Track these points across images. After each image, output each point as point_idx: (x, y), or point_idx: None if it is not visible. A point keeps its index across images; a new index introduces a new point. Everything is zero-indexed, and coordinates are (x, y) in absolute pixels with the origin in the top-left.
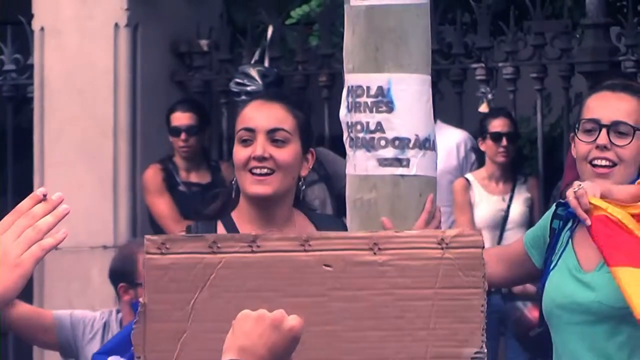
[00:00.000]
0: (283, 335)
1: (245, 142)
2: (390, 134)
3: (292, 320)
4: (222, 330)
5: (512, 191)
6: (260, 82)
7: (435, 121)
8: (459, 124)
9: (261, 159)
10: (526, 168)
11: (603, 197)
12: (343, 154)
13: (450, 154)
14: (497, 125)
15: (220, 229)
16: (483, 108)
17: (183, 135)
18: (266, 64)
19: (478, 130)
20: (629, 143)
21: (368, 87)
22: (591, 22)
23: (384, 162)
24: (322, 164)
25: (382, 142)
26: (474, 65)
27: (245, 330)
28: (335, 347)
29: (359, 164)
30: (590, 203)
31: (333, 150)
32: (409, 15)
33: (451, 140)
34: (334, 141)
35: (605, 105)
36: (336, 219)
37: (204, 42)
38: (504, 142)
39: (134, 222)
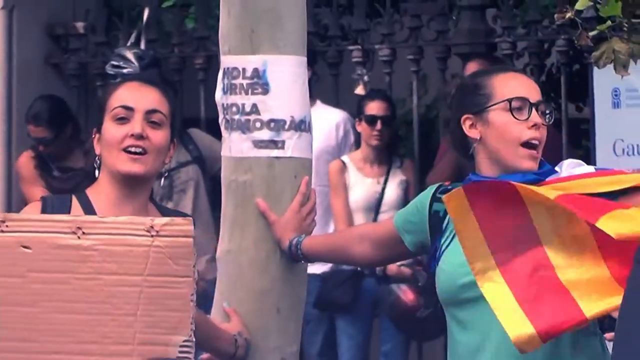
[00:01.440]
0: None
1: (122, 120)
2: (265, 116)
3: None
4: None
5: (387, 174)
6: (136, 64)
7: (315, 101)
8: (335, 106)
9: (139, 137)
10: (402, 150)
11: None
12: (219, 137)
13: (329, 134)
14: (373, 107)
15: (75, 204)
16: (359, 90)
17: (41, 147)
18: (142, 46)
19: (356, 112)
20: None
21: (244, 69)
22: (467, 4)
23: (259, 144)
24: (197, 145)
25: (258, 124)
26: (351, 47)
27: None
28: (34, 329)
29: (235, 145)
30: None
31: (209, 133)
32: None
33: (331, 120)
34: (209, 124)
35: (527, 84)
36: (185, 214)
37: (80, 25)
38: (379, 125)
39: (10, 209)
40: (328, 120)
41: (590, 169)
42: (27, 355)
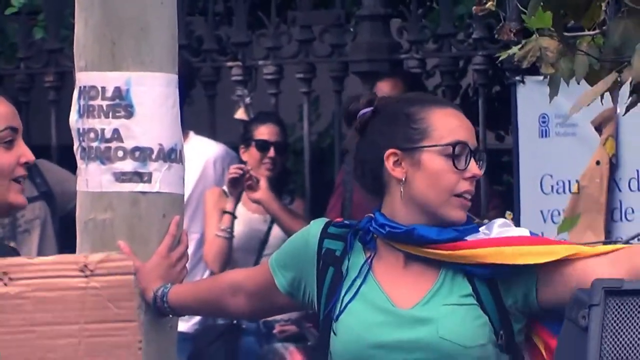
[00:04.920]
0: None
1: (9, 144)
2: (129, 144)
3: None
4: None
5: None
6: None
7: (187, 133)
8: (210, 133)
9: (31, 165)
10: (291, 185)
11: None
12: (74, 168)
13: (205, 172)
14: (265, 132)
15: None
16: (239, 114)
17: None
18: None
19: (241, 137)
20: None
21: (103, 88)
22: (368, 13)
23: (121, 176)
24: (45, 179)
25: (120, 153)
26: (229, 64)
27: None
28: None
29: (92, 178)
30: None
31: (62, 164)
32: (152, 3)
33: (206, 155)
34: (62, 152)
35: (467, 126)
36: (2, 243)
37: None
38: (271, 152)
39: None
40: (203, 155)
41: (524, 232)
42: None
